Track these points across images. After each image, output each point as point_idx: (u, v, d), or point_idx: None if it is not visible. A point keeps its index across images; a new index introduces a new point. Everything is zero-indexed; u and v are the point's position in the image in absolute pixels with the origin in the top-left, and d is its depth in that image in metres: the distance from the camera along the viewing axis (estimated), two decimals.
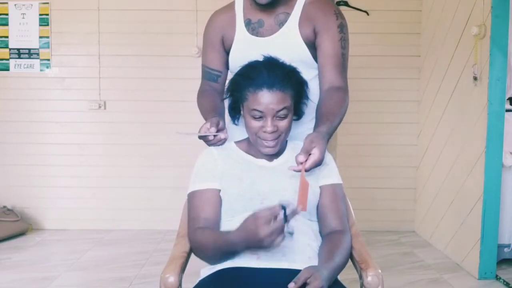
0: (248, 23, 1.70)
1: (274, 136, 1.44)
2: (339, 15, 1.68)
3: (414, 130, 4.04)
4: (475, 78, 3.00)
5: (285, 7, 1.67)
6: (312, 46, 1.66)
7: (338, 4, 3.96)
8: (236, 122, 1.62)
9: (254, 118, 1.44)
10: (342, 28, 1.67)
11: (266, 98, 1.41)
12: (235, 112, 1.59)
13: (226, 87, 1.60)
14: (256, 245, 1.22)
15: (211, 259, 1.41)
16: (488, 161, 2.92)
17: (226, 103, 1.63)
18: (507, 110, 3.04)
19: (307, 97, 1.57)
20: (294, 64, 1.56)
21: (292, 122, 1.49)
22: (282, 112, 1.43)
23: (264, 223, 1.19)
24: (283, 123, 1.44)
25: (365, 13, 3.94)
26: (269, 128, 1.42)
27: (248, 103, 1.44)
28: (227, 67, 1.79)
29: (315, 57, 1.68)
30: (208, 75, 1.77)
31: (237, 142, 1.59)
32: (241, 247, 1.28)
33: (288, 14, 1.67)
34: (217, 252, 1.36)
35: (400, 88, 4.03)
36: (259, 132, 1.45)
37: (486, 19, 2.89)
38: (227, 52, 1.75)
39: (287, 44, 1.65)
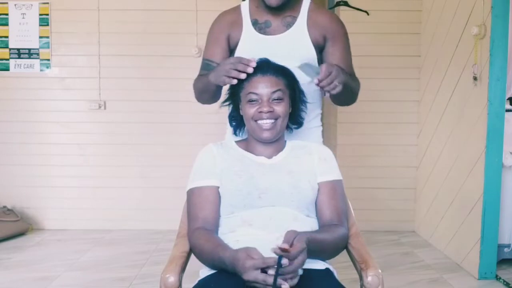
0: (255, 23, 1.76)
1: (271, 117, 1.48)
2: (343, 24, 1.82)
3: (414, 130, 4.04)
4: (475, 78, 3.00)
5: (291, 11, 1.76)
6: (318, 49, 1.77)
7: (338, 4, 3.96)
8: (237, 133, 1.65)
9: (251, 103, 1.49)
10: (347, 36, 1.83)
11: (261, 82, 1.48)
12: (237, 123, 1.62)
13: (226, 95, 1.64)
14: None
15: (205, 264, 1.43)
16: (488, 161, 2.92)
17: (226, 112, 1.66)
18: (507, 110, 3.04)
19: (304, 103, 1.62)
20: (297, 63, 1.60)
21: (288, 110, 1.53)
22: (276, 94, 1.48)
23: (251, 267, 1.20)
24: (278, 107, 1.49)
25: (365, 13, 3.94)
26: (265, 108, 1.47)
27: (245, 90, 1.50)
28: None
29: (318, 60, 1.78)
30: (208, 67, 1.78)
31: (237, 141, 1.61)
32: (229, 267, 1.29)
33: (295, 18, 1.76)
34: (210, 261, 1.38)
35: (400, 88, 4.03)
36: (256, 115, 1.48)
37: (486, 19, 2.90)
38: (231, 51, 1.79)
39: (295, 43, 1.74)
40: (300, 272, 1.23)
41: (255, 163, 1.52)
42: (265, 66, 1.50)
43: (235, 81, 1.49)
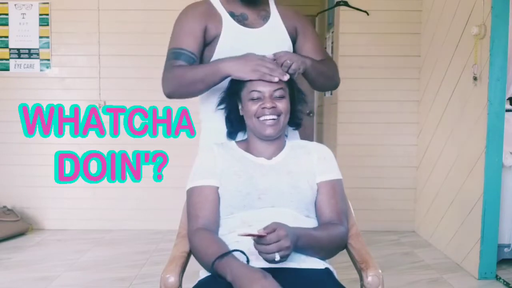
0: (232, 15, 1.72)
1: (273, 113, 1.48)
2: (303, 15, 1.88)
3: (414, 130, 4.04)
4: (475, 78, 3.00)
5: (263, 5, 1.77)
6: (292, 41, 1.79)
7: (338, 4, 3.96)
8: (232, 136, 1.65)
9: (253, 100, 1.49)
10: (313, 25, 1.91)
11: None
12: (232, 126, 1.62)
13: (219, 98, 1.62)
14: None
15: (204, 267, 1.40)
16: (488, 161, 2.92)
17: (222, 116, 1.64)
18: (507, 110, 3.04)
19: (302, 103, 1.62)
20: None
21: (289, 107, 1.52)
22: (278, 92, 1.49)
23: None
24: (281, 104, 1.49)
25: (365, 13, 3.94)
26: (268, 104, 1.47)
27: (246, 89, 1.50)
28: (200, 57, 1.73)
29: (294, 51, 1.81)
30: (182, 56, 1.68)
31: (237, 142, 1.61)
32: (229, 278, 1.27)
33: (268, 12, 1.77)
34: (210, 264, 1.34)
35: (400, 88, 4.03)
36: (259, 111, 1.48)
37: (486, 19, 2.90)
38: (206, 44, 1.71)
39: (275, 36, 1.73)
40: (277, 258, 1.22)
41: (254, 164, 1.52)
42: None
43: (276, 79, 1.47)
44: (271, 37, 1.71)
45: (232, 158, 1.53)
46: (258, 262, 1.34)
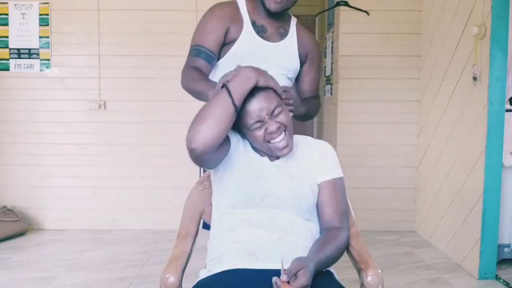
0: (253, 24, 1.80)
1: (281, 130, 1.44)
2: (320, 47, 2.03)
3: (414, 130, 4.04)
4: (475, 78, 3.00)
5: (283, 23, 1.85)
6: (301, 64, 1.90)
7: (338, 4, 3.96)
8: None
9: (257, 129, 1.43)
10: (321, 59, 2.01)
11: (255, 105, 1.41)
12: (241, 135, 1.56)
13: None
14: None
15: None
16: (488, 161, 2.92)
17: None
18: (507, 110, 3.04)
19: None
20: (287, 73, 1.83)
21: (289, 114, 1.50)
22: (276, 110, 1.43)
23: None
24: (282, 117, 1.45)
25: (365, 13, 3.94)
26: (272, 127, 1.42)
27: (246, 123, 1.43)
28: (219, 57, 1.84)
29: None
30: (202, 54, 1.78)
31: None
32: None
33: (286, 30, 1.85)
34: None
35: (400, 88, 4.03)
36: (266, 136, 1.44)
37: (486, 19, 2.90)
38: (225, 44, 1.80)
39: (287, 54, 1.83)
40: None
41: (263, 163, 1.50)
42: None
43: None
44: (284, 53, 1.81)
45: (246, 153, 1.51)
46: (259, 263, 1.34)
